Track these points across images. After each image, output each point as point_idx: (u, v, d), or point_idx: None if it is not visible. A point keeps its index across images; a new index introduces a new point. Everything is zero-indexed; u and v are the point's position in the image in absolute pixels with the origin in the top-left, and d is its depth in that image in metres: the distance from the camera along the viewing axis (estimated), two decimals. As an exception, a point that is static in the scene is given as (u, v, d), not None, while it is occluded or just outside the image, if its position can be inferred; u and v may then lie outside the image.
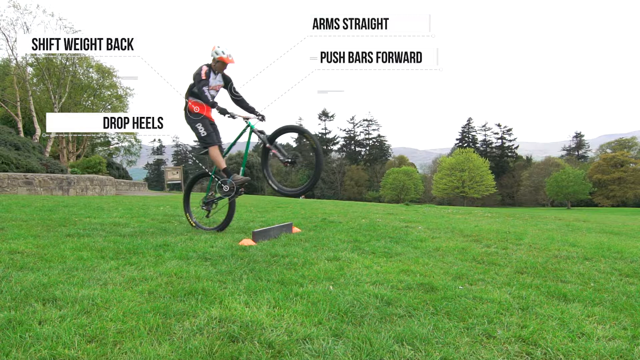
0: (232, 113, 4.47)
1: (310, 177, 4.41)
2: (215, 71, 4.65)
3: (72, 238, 3.97)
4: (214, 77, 4.64)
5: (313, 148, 4.19)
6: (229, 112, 4.44)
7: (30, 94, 24.11)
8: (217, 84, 4.71)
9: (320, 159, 4.27)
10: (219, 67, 4.64)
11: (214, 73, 4.65)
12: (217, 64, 4.62)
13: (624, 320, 2.14)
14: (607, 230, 6.63)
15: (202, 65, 4.57)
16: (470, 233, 5.17)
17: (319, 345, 1.75)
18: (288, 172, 59.27)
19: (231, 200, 4.76)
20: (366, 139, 77.07)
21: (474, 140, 74.61)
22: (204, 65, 4.57)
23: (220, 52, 4.54)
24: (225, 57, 4.55)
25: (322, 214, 7.57)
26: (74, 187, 13.99)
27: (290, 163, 4.35)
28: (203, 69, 4.52)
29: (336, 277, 2.83)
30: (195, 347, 1.69)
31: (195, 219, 5.17)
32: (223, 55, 4.54)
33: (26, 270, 2.73)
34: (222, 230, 4.85)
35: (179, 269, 2.86)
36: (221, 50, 4.54)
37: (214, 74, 4.64)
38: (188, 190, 5.41)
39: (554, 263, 3.48)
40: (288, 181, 59.20)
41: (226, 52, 4.56)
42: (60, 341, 1.69)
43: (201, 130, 4.63)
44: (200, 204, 5.06)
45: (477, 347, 1.79)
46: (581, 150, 74.09)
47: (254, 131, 4.49)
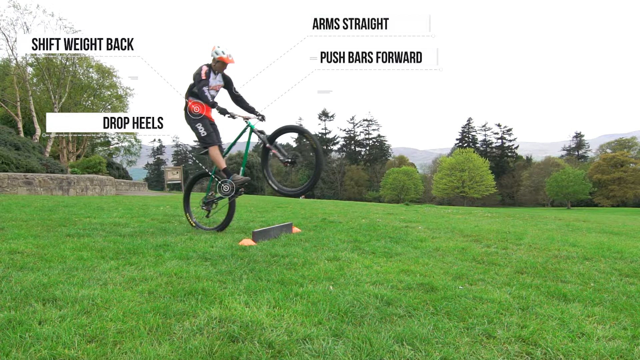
0: (232, 113, 4.47)
1: (310, 177, 4.41)
2: (215, 71, 4.65)
3: (72, 238, 3.97)
4: (214, 77, 4.64)
5: (313, 148, 4.19)
6: (229, 112, 4.45)
7: (30, 94, 24.10)
8: (217, 84, 4.71)
9: (321, 158, 4.27)
10: (219, 67, 4.64)
11: (214, 73, 4.65)
12: (217, 64, 4.62)
13: (624, 320, 2.14)
14: (607, 230, 6.63)
15: (202, 65, 4.57)
16: (470, 233, 5.17)
17: (319, 345, 1.75)
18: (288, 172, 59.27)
19: (231, 200, 4.76)
20: (366, 139, 77.08)
21: (474, 140, 74.62)
22: (204, 65, 4.57)
23: (220, 52, 4.54)
24: (225, 57, 4.55)
25: (322, 214, 7.57)
26: (74, 187, 13.99)
27: (290, 163, 4.35)
28: (203, 69, 4.52)
29: (336, 277, 2.83)
30: (195, 347, 1.69)
31: (195, 219, 5.17)
32: (223, 55, 4.54)
33: (26, 270, 2.73)
34: (222, 230, 4.85)
35: (179, 269, 2.86)
36: (221, 50, 4.54)
37: (214, 74, 4.64)
38: (188, 190, 5.41)
39: (554, 263, 3.48)
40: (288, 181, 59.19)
41: (226, 52, 4.56)
42: (60, 341, 1.69)
43: (201, 130, 4.63)
44: (200, 204, 5.07)
45: (477, 347, 1.79)
46: (581, 150, 74.09)
47: (254, 131, 4.50)
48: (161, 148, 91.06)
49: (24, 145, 16.14)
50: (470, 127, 75.19)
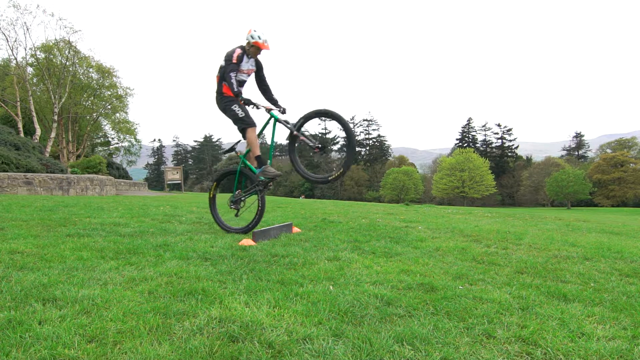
0: (256, 103, 4.36)
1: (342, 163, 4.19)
2: (248, 55, 4.51)
3: (72, 238, 3.97)
4: (246, 60, 4.51)
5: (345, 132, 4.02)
6: (254, 102, 4.34)
7: (30, 94, 24.09)
8: (249, 68, 4.58)
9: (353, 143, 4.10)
10: (253, 51, 4.51)
11: (247, 57, 4.51)
12: (252, 49, 4.48)
13: (624, 320, 2.14)
14: (607, 230, 6.63)
15: (236, 48, 4.42)
16: (470, 233, 5.17)
17: (319, 345, 1.75)
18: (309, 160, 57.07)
19: (261, 196, 4.60)
20: (366, 139, 77.10)
21: (474, 140, 74.66)
22: (237, 48, 4.42)
23: (255, 37, 4.40)
24: (261, 42, 4.41)
25: (322, 214, 7.57)
26: (74, 187, 13.99)
27: (320, 149, 4.23)
28: (236, 51, 4.37)
29: (336, 277, 2.83)
30: (195, 347, 1.69)
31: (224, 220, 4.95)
32: (259, 40, 4.41)
33: (26, 270, 2.73)
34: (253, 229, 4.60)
35: (179, 269, 2.86)
36: (257, 35, 4.40)
37: (246, 58, 4.51)
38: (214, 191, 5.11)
39: (554, 263, 3.48)
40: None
41: (262, 37, 4.42)
42: (60, 341, 1.69)
43: (238, 111, 4.44)
44: (228, 203, 4.89)
45: (477, 347, 1.79)
46: (581, 150, 74.15)
47: (279, 121, 4.37)
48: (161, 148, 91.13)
49: (24, 145, 16.14)
50: (470, 127, 75.23)
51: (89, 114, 30.24)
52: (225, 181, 5.21)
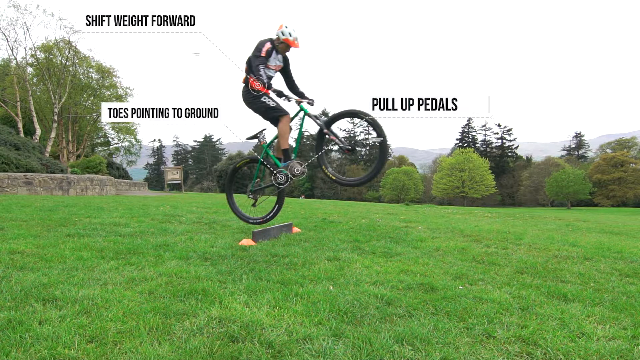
0: (288, 95, 4.27)
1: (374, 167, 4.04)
2: (277, 51, 4.39)
3: (72, 238, 3.97)
4: (275, 55, 4.39)
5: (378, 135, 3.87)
6: (285, 94, 4.24)
7: (30, 94, 24.09)
8: (277, 64, 4.46)
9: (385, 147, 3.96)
10: (282, 47, 4.38)
11: (276, 52, 4.39)
12: (281, 45, 4.36)
13: (624, 320, 2.14)
14: (607, 230, 6.63)
15: (266, 42, 4.30)
16: (470, 233, 5.17)
17: (319, 345, 1.75)
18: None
19: (281, 189, 4.43)
20: (366, 139, 77.09)
21: (474, 140, 74.61)
22: (267, 42, 4.30)
23: (286, 34, 4.28)
24: (291, 39, 4.29)
25: (322, 214, 7.57)
26: (74, 187, 13.99)
27: (350, 150, 4.11)
28: (266, 45, 4.26)
29: (336, 277, 2.83)
30: (195, 347, 1.69)
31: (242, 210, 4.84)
32: (290, 37, 4.28)
33: (26, 270, 2.73)
34: (271, 220, 4.59)
35: (179, 269, 2.86)
36: (288, 32, 4.29)
37: (275, 53, 4.38)
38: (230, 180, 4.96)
39: (554, 263, 3.48)
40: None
41: (293, 34, 4.30)
42: (60, 341, 1.69)
43: (269, 102, 4.29)
44: (247, 193, 4.78)
45: (477, 347, 1.79)
46: (581, 150, 74.14)
47: (308, 115, 4.24)
48: (161, 148, 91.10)
49: (24, 145, 16.14)
50: (470, 127, 75.17)
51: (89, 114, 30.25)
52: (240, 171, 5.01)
